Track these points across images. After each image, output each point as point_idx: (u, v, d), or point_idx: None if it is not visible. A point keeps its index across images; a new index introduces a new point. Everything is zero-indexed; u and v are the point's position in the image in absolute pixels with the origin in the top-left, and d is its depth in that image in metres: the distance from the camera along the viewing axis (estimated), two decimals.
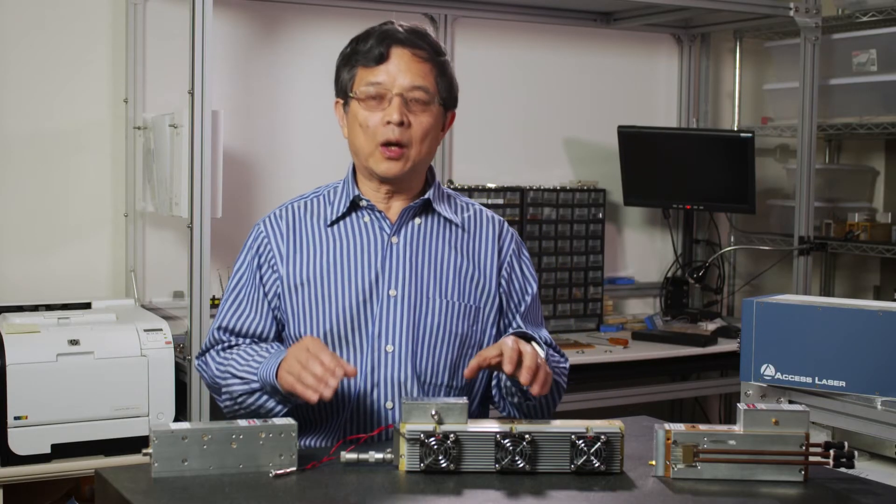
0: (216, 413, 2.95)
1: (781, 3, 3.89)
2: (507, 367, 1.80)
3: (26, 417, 2.77)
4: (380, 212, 2.06)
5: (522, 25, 4.06)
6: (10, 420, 2.75)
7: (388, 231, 2.06)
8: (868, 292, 4.69)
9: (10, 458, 2.76)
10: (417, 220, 2.08)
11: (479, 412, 2.14)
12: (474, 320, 2.07)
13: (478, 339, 2.08)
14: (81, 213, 3.42)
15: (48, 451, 2.81)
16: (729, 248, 4.41)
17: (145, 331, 2.92)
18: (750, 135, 3.91)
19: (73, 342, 2.83)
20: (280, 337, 2.08)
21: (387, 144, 1.99)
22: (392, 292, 2.02)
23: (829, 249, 4.20)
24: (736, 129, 4.43)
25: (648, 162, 4.10)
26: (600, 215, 4.07)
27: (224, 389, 2.01)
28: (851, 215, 4.23)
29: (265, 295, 2.06)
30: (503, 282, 2.12)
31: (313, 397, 1.78)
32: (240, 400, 1.99)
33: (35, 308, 3.13)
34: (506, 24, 4.02)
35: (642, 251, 4.41)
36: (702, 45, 4.43)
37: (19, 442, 2.77)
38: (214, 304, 3.43)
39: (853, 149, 4.74)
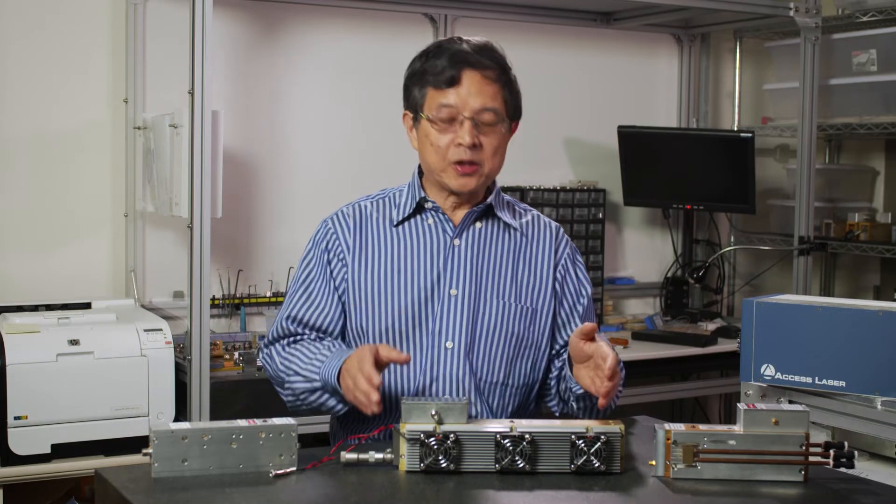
0: (216, 413, 2.96)
1: (781, 3, 3.89)
2: (607, 380, 1.86)
3: (26, 417, 2.77)
4: (444, 214, 2.13)
5: (522, 25, 4.06)
6: (10, 420, 2.75)
7: (451, 233, 2.13)
8: (868, 292, 4.69)
9: (10, 458, 2.76)
10: (479, 225, 2.16)
11: (535, 410, 2.21)
12: (531, 321, 2.14)
13: (535, 340, 2.15)
14: (81, 213, 3.42)
15: (48, 451, 2.81)
16: (729, 248, 4.41)
17: (145, 331, 2.92)
18: (750, 135, 3.91)
19: (73, 342, 2.82)
20: (344, 331, 2.14)
21: (459, 163, 2.06)
22: (453, 292, 2.10)
23: (829, 249, 4.20)
24: (736, 129, 4.43)
25: (648, 162, 4.10)
26: (600, 215, 4.07)
27: (287, 385, 2.08)
28: (851, 215, 4.23)
29: (335, 288, 2.13)
30: (557, 285, 2.19)
31: (368, 412, 1.87)
32: (302, 397, 2.06)
33: (35, 308, 3.13)
34: (506, 24, 4.01)
35: (642, 251, 4.41)
36: (702, 45, 4.43)
37: (19, 442, 2.77)
38: (214, 303, 3.44)
39: (853, 149, 4.74)
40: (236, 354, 3.23)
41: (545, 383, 2.20)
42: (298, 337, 2.13)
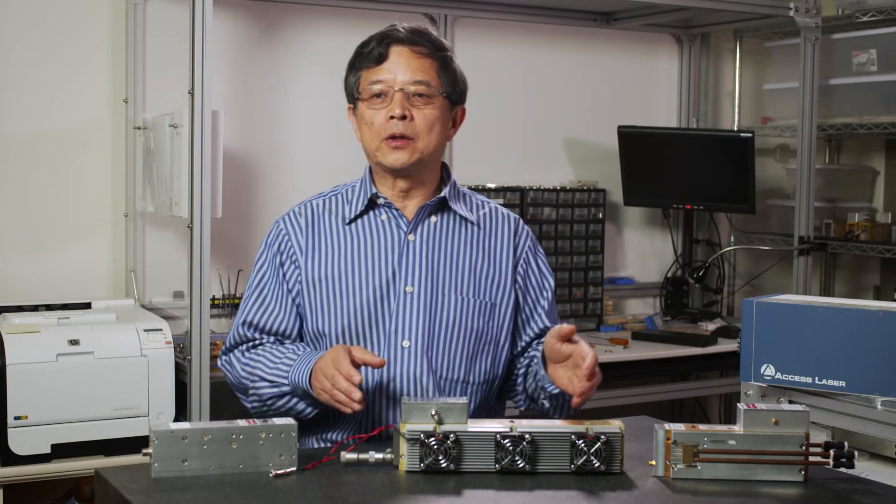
0: (216, 413, 2.96)
1: (781, 3, 3.89)
2: (585, 379, 1.85)
3: (26, 417, 2.77)
4: (397, 209, 2.10)
5: (522, 25, 4.06)
6: (10, 420, 2.75)
7: (405, 229, 2.10)
8: (868, 292, 4.69)
9: (10, 458, 2.76)
10: (434, 218, 2.12)
11: (497, 407, 2.18)
12: (490, 316, 2.11)
13: (494, 336, 2.12)
14: (81, 213, 3.42)
15: (48, 451, 2.80)
16: (729, 248, 4.41)
17: (145, 331, 2.92)
18: (750, 135, 3.91)
19: (73, 342, 2.82)
20: (302, 334, 2.11)
21: (392, 138, 2.04)
22: (408, 289, 2.06)
23: (829, 249, 4.20)
24: (736, 129, 4.43)
25: (648, 162, 4.10)
26: (600, 215, 4.07)
27: (252, 392, 2.05)
28: (851, 215, 4.23)
29: (289, 291, 2.10)
30: (519, 278, 2.15)
31: (348, 411, 1.86)
32: (269, 402, 2.03)
33: (35, 308, 3.13)
34: (506, 24, 4.02)
35: (642, 251, 4.41)
36: (702, 45, 4.43)
37: (19, 442, 2.77)
38: (214, 303, 3.44)
39: (853, 149, 4.74)
40: None
41: (508, 380, 2.17)
42: (256, 342, 2.10)
